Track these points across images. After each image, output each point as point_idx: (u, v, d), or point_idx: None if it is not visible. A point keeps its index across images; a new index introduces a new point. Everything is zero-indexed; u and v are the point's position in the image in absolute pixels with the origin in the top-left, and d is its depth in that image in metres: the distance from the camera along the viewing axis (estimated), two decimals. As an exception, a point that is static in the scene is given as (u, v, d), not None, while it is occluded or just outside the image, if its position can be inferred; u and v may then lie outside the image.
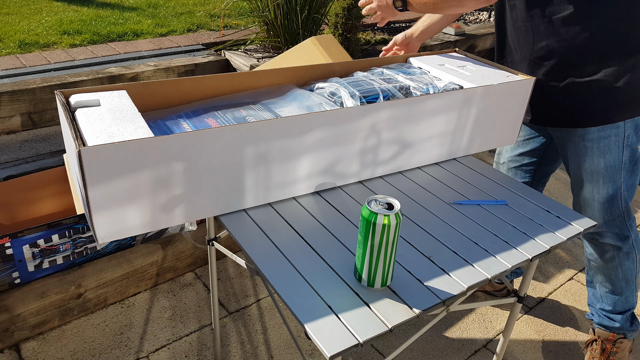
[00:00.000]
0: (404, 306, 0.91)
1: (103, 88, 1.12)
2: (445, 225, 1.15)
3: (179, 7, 4.17)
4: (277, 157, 1.08)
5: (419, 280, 0.98)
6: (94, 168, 0.89)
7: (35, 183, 1.82)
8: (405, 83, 1.35)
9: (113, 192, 0.93)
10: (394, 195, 1.24)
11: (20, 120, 2.28)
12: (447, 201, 1.23)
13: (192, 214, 1.06)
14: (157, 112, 1.19)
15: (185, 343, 1.72)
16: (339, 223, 1.13)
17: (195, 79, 1.23)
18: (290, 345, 1.74)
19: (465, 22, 4.66)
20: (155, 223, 1.02)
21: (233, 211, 1.12)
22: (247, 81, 1.30)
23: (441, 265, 1.02)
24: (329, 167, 1.18)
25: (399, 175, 1.32)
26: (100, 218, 0.95)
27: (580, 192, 1.53)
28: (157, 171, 0.96)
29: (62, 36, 3.18)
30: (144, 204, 0.98)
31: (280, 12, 2.70)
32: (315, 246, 1.05)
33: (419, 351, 1.77)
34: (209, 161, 1.01)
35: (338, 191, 1.24)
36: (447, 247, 1.08)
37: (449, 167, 1.39)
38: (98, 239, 0.97)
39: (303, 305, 0.89)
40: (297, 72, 1.37)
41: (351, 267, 1.00)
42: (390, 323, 0.87)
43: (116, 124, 0.98)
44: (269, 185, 1.12)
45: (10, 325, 1.60)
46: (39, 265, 1.64)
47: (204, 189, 1.04)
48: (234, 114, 1.17)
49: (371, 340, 0.84)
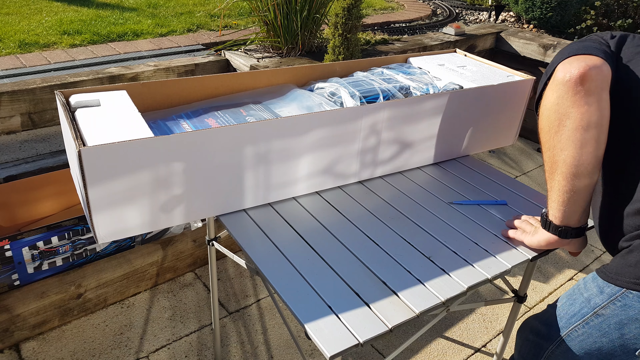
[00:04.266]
0: (404, 306, 0.91)
1: (103, 88, 1.12)
2: (446, 226, 1.15)
3: (179, 7, 4.17)
4: (276, 157, 1.08)
5: (419, 280, 0.97)
6: (94, 168, 0.89)
7: (35, 184, 1.81)
8: (405, 83, 1.35)
9: (113, 192, 0.93)
10: (394, 195, 1.24)
11: (20, 120, 2.27)
12: (446, 201, 1.23)
13: (192, 214, 1.06)
14: (157, 112, 1.19)
15: (185, 343, 1.72)
16: (339, 223, 1.13)
17: (195, 79, 1.23)
18: (289, 345, 1.74)
19: (465, 22, 4.66)
20: (155, 223, 1.02)
21: (233, 211, 1.12)
22: (247, 81, 1.30)
23: (441, 266, 1.02)
24: (329, 167, 1.18)
25: (399, 175, 1.32)
26: (100, 218, 0.95)
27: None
28: (157, 171, 0.96)
29: (62, 36, 3.17)
30: (144, 204, 0.98)
31: (280, 12, 2.70)
32: (315, 246, 1.05)
33: (419, 351, 1.77)
34: (209, 161, 1.01)
35: (338, 191, 1.24)
36: (447, 247, 1.08)
37: (449, 167, 1.39)
38: (98, 239, 0.97)
39: (303, 305, 0.89)
40: (297, 72, 1.37)
41: (351, 266, 0.99)
42: (390, 323, 0.87)
43: (116, 124, 0.98)
44: (269, 185, 1.12)
45: (10, 325, 1.60)
46: (39, 267, 1.64)
47: (204, 189, 1.04)
48: (234, 114, 1.17)
49: (371, 340, 0.84)
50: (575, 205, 0.98)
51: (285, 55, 2.82)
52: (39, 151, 2.16)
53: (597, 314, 0.95)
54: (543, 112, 0.97)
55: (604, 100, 0.91)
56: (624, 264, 0.92)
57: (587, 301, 0.97)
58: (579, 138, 0.91)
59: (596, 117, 0.90)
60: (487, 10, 5.15)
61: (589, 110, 0.90)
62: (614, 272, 0.93)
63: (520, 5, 3.85)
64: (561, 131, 0.93)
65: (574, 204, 0.97)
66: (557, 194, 0.98)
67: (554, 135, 0.95)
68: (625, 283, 0.90)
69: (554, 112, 0.94)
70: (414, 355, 1.75)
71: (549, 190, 1.00)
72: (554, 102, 0.93)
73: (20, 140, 2.23)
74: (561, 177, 0.95)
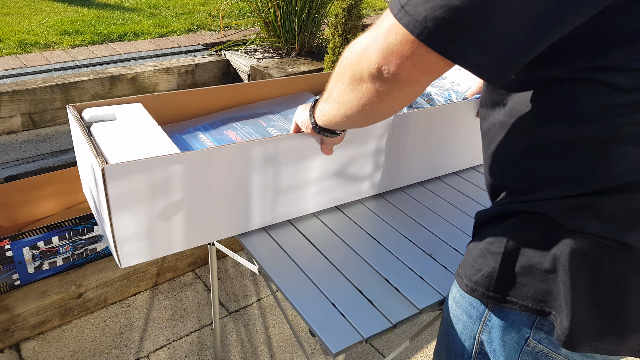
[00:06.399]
0: (407, 303, 0.91)
1: (117, 101, 1.05)
2: (446, 223, 1.15)
3: (179, 7, 4.17)
4: (287, 164, 1.02)
5: (421, 277, 0.98)
6: (119, 187, 0.82)
7: (35, 184, 1.81)
8: (427, 89, 1.32)
9: (138, 212, 0.87)
10: (394, 194, 1.23)
11: (20, 120, 2.27)
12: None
13: (215, 234, 1.00)
14: (172, 126, 1.13)
15: (185, 343, 1.71)
16: (341, 221, 1.13)
17: (211, 90, 1.18)
18: (290, 345, 1.74)
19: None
20: (182, 243, 0.96)
21: (255, 229, 1.06)
22: (263, 90, 1.26)
23: (443, 263, 1.02)
24: (347, 176, 1.13)
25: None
26: (124, 239, 0.88)
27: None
28: (183, 189, 0.89)
29: (63, 36, 3.17)
30: (171, 223, 0.92)
31: (280, 13, 2.70)
32: (317, 244, 1.05)
33: (419, 351, 1.77)
34: (237, 177, 0.94)
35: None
36: (448, 244, 1.08)
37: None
38: (121, 263, 0.90)
39: (307, 303, 0.89)
40: (313, 80, 1.33)
41: (353, 265, 0.99)
42: (393, 320, 0.87)
43: (137, 138, 0.92)
44: (290, 200, 1.07)
45: (11, 325, 1.60)
46: (39, 267, 1.64)
47: (231, 207, 0.98)
48: (254, 126, 1.13)
49: (375, 336, 0.84)
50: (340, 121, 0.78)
51: (286, 56, 2.83)
52: (39, 151, 2.16)
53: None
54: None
55: None
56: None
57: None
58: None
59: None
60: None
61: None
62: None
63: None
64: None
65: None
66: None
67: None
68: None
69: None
70: (414, 355, 1.75)
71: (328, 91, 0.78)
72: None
73: (21, 140, 2.23)
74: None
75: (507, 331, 0.71)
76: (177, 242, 0.96)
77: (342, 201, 1.16)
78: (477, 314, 0.74)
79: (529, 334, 0.69)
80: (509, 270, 0.69)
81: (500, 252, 0.69)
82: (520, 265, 0.67)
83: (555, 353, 0.68)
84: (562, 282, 0.64)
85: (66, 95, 2.34)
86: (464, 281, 0.74)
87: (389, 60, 0.59)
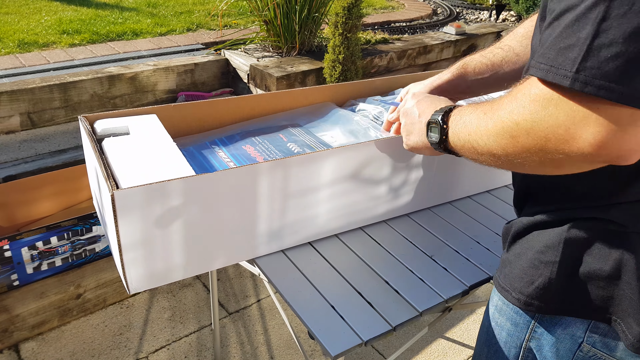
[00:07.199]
0: (407, 305, 0.90)
1: (132, 112, 1.00)
2: (447, 224, 1.14)
3: (178, 6, 4.16)
4: (298, 187, 0.97)
5: (422, 279, 0.97)
6: (129, 212, 0.78)
7: (34, 184, 1.80)
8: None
9: (148, 237, 0.83)
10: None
11: (19, 120, 2.26)
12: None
13: (231, 258, 0.96)
14: (189, 138, 1.09)
15: (184, 344, 1.71)
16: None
17: (230, 100, 1.13)
18: (289, 346, 1.74)
19: (466, 22, 4.66)
20: (192, 269, 0.92)
21: (270, 253, 1.02)
22: (284, 100, 1.21)
23: (443, 265, 1.01)
24: (354, 207, 1.08)
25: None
26: (134, 265, 0.85)
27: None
28: (199, 212, 0.85)
29: (62, 36, 3.16)
30: (183, 247, 0.88)
31: (280, 12, 2.69)
32: (317, 246, 1.04)
33: (420, 352, 1.76)
34: (253, 199, 0.90)
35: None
36: (449, 246, 1.07)
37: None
38: (130, 289, 0.87)
39: (306, 306, 0.89)
40: (337, 89, 1.27)
41: (352, 267, 0.99)
42: (393, 322, 0.86)
43: (150, 157, 0.88)
44: (305, 222, 1.03)
45: (10, 326, 1.59)
46: (38, 267, 1.63)
47: (247, 230, 0.94)
48: (274, 140, 1.07)
49: (375, 339, 0.83)
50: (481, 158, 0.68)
51: (285, 55, 2.82)
52: (38, 151, 2.15)
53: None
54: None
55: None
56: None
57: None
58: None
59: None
60: (488, 10, 5.15)
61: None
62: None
63: (521, 4, 3.85)
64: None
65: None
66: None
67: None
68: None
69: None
70: (415, 356, 1.74)
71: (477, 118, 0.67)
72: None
73: (20, 140, 2.22)
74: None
75: (560, 337, 0.69)
76: (192, 266, 0.92)
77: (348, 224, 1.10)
78: (524, 322, 0.72)
79: (583, 338, 0.67)
80: (566, 279, 0.66)
81: (556, 260, 0.66)
82: (578, 273, 0.65)
83: (610, 356, 0.67)
84: (628, 287, 0.62)
85: (65, 94, 2.33)
86: (513, 295, 0.71)
87: (610, 146, 0.51)
